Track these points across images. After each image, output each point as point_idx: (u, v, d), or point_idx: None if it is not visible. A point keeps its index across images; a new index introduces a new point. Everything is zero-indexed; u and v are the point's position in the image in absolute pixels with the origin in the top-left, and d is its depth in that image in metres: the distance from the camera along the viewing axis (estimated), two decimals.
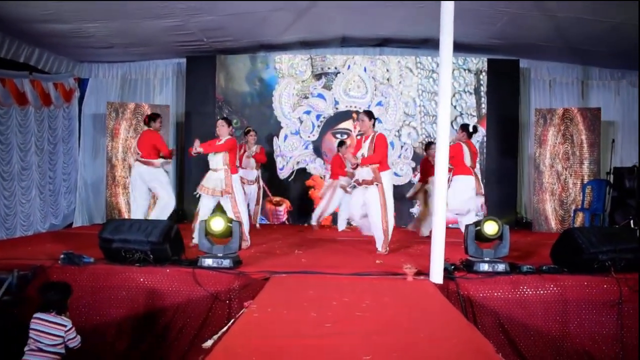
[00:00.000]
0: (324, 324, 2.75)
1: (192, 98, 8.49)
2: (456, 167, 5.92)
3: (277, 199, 8.34)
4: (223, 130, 5.46)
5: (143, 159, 5.93)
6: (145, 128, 6.19)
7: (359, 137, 6.03)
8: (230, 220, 4.29)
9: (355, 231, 7.65)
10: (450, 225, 7.44)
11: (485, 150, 8.30)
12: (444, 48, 3.96)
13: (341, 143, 7.40)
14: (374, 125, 5.47)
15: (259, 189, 7.35)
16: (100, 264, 4.17)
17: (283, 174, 8.49)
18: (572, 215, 7.65)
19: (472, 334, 2.74)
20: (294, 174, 8.47)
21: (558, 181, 7.82)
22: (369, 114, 5.45)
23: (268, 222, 8.28)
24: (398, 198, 6.29)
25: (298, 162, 8.48)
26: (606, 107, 8.27)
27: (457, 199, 5.78)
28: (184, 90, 8.61)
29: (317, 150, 8.44)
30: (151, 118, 6.15)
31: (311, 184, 8.37)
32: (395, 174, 8.04)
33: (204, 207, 5.38)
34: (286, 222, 8.39)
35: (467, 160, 5.98)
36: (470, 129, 6.19)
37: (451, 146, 5.17)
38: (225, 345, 2.44)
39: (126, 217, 7.84)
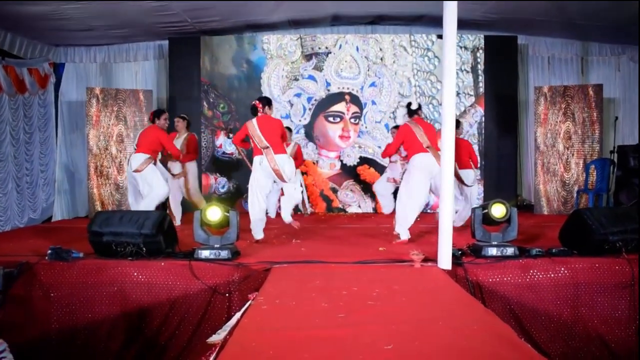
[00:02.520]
0: (337, 315, 2.64)
1: (176, 82, 8.12)
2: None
3: None
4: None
5: (137, 154, 5.83)
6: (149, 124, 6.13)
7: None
8: (228, 210, 4.10)
9: (350, 218, 7.55)
10: (429, 210, 7.36)
11: (483, 131, 8.11)
12: (447, 51, 3.92)
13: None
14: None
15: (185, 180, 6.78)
16: (90, 258, 3.98)
17: None
18: (575, 196, 7.51)
19: (491, 319, 2.64)
20: None
21: (560, 161, 7.64)
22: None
23: None
24: None
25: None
26: (606, 83, 8.07)
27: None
28: (167, 73, 8.25)
29: (309, 135, 8.19)
30: (155, 114, 6.13)
31: (303, 169, 8.05)
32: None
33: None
34: (278, 210, 8.12)
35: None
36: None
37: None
38: (238, 339, 2.30)
39: (109, 209, 7.54)
